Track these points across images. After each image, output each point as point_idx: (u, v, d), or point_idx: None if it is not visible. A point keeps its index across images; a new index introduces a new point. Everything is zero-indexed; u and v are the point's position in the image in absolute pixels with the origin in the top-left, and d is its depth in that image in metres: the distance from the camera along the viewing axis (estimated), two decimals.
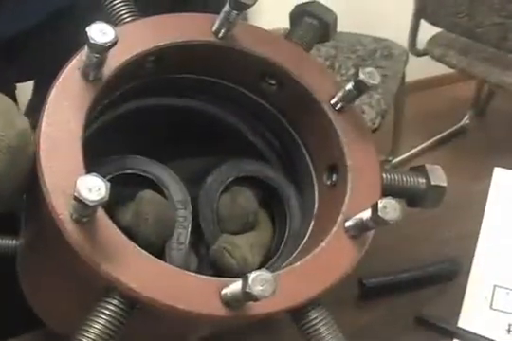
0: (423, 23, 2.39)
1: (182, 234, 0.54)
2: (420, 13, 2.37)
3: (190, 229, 0.55)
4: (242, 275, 0.51)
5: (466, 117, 3.00)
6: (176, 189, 0.55)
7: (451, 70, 2.54)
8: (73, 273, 0.47)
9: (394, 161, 2.71)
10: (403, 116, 2.61)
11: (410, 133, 2.74)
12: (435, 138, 2.87)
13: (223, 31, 0.52)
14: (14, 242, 0.55)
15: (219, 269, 0.55)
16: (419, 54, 2.48)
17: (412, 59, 2.45)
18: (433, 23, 2.36)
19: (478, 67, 2.37)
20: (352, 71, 2.21)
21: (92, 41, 0.44)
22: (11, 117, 0.47)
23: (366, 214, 0.48)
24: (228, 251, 0.55)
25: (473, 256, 0.82)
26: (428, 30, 2.44)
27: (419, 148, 2.81)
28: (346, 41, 2.36)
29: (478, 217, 0.88)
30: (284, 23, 0.61)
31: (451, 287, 0.78)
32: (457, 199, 0.88)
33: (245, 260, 0.55)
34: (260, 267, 0.56)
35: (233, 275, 0.54)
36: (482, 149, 2.76)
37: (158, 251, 0.53)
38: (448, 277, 0.79)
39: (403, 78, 2.39)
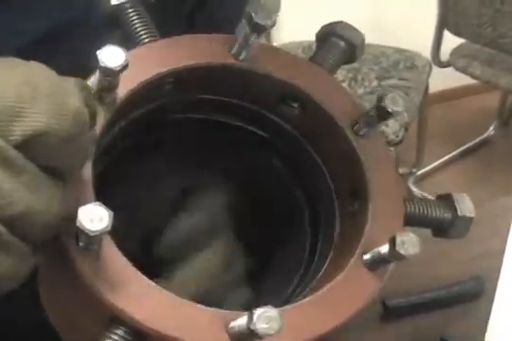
0: (446, 34, 2.38)
1: None
2: (443, 24, 2.37)
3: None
4: None
5: (491, 129, 2.98)
6: None
7: (475, 81, 2.52)
8: (84, 295, 0.46)
9: (418, 173, 2.70)
10: (427, 127, 2.60)
11: (433, 144, 2.73)
12: (459, 150, 2.86)
13: (243, 54, 0.52)
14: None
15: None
16: (442, 65, 2.47)
17: (435, 69, 2.44)
18: (457, 33, 2.35)
19: (502, 78, 2.36)
20: (375, 83, 2.20)
21: (103, 64, 0.44)
22: (61, 100, 0.40)
23: (384, 248, 0.47)
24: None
25: (498, 274, 0.80)
26: (451, 42, 2.43)
27: (443, 160, 2.80)
28: (369, 52, 2.35)
29: (503, 233, 0.86)
30: (303, 36, 0.60)
31: (476, 306, 0.77)
32: (481, 214, 0.87)
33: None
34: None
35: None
36: (507, 160, 2.73)
37: None
38: (472, 296, 0.78)
39: (426, 89, 2.38)
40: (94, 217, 0.40)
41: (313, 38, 0.58)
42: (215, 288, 0.56)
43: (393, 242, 0.46)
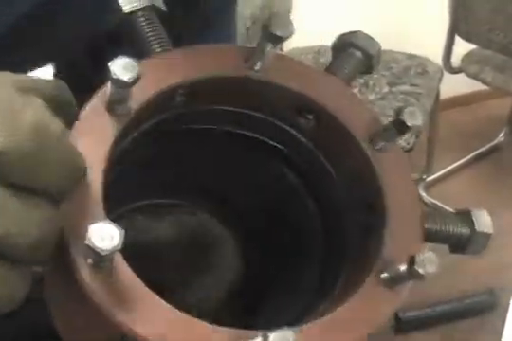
0: (458, 39, 2.38)
1: None
2: (454, 30, 2.36)
3: None
4: None
5: (501, 135, 2.97)
6: None
7: (486, 87, 2.52)
8: (92, 312, 0.45)
9: (428, 179, 2.69)
10: (437, 133, 2.59)
11: (444, 150, 2.72)
12: (469, 156, 2.85)
13: (258, 64, 0.51)
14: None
15: None
16: (454, 71, 2.46)
17: (446, 75, 2.44)
18: (468, 39, 2.35)
19: None
20: (386, 89, 2.19)
21: (114, 76, 0.43)
22: (16, 116, 0.38)
23: (402, 266, 0.46)
24: None
25: None
26: (462, 47, 2.43)
27: (453, 166, 2.79)
28: (380, 58, 2.34)
29: None
30: (312, 41, 0.60)
31: (490, 319, 0.76)
32: (494, 225, 0.86)
33: None
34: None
35: None
36: None
37: None
38: (485, 309, 0.77)
39: (437, 95, 2.37)
40: (104, 235, 0.39)
41: (323, 43, 0.57)
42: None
43: (412, 261, 0.45)
